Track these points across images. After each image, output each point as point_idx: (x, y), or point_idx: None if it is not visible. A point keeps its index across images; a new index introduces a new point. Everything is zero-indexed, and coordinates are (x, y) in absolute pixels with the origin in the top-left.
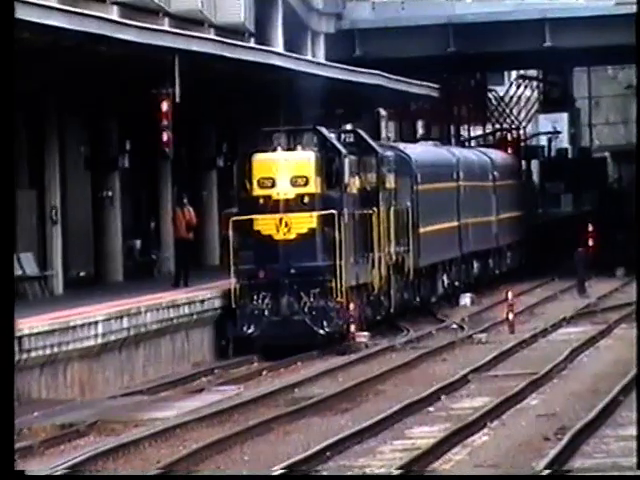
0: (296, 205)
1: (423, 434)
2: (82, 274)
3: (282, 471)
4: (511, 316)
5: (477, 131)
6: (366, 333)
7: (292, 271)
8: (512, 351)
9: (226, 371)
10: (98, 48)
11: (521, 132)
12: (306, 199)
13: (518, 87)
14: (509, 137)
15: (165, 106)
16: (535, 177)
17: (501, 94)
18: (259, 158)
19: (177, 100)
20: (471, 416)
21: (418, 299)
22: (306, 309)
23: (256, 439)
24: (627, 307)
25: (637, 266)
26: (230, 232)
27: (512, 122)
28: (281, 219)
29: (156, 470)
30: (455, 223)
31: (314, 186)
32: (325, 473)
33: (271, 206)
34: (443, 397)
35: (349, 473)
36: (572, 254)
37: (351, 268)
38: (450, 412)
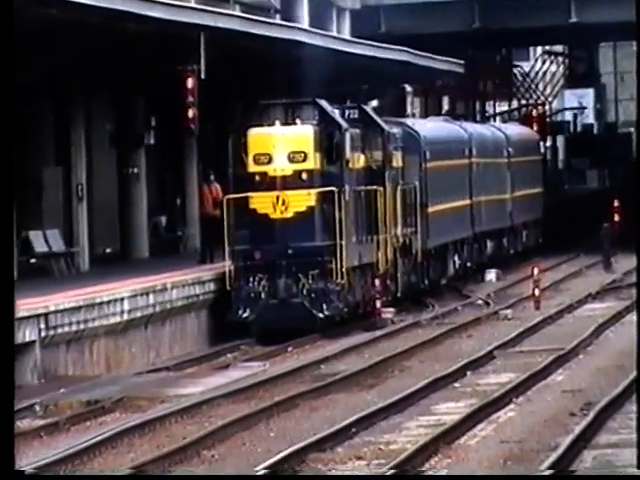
0: (294, 182)
1: (449, 410)
2: (108, 251)
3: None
4: (537, 292)
5: (502, 107)
6: (392, 309)
7: (290, 251)
8: (538, 327)
9: (252, 347)
10: (124, 25)
11: (546, 108)
12: (304, 175)
13: (544, 63)
14: (534, 113)
15: (190, 83)
16: (561, 153)
17: (526, 70)
18: (255, 133)
19: (202, 77)
20: (497, 392)
21: (427, 282)
22: (305, 291)
23: (282, 415)
24: None
25: (637, 262)
26: (224, 211)
27: (537, 98)
28: (278, 197)
29: (182, 445)
30: (467, 201)
31: (313, 162)
32: (351, 449)
33: (267, 183)
34: (469, 373)
35: (374, 448)
36: (598, 230)
37: (353, 248)
38: (476, 388)
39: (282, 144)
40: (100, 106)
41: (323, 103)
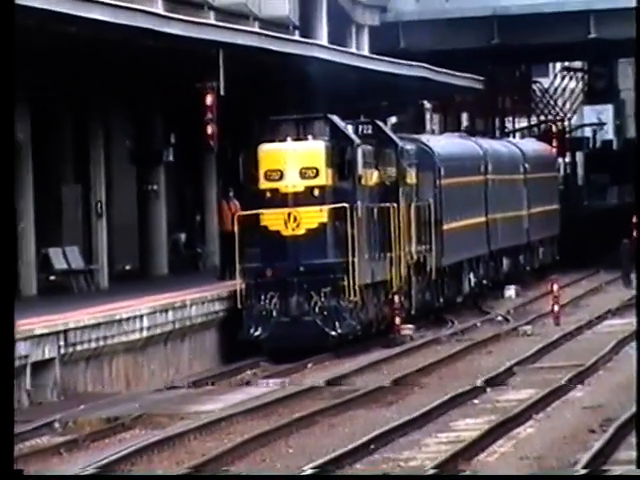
0: (305, 198)
1: (468, 426)
2: (127, 268)
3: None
4: (556, 308)
5: (522, 123)
6: (411, 326)
7: (301, 269)
8: (557, 343)
9: (271, 364)
10: (143, 42)
11: (566, 124)
12: (316, 192)
13: (563, 79)
14: (554, 129)
15: (210, 99)
16: (580, 169)
17: (546, 86)
18: (266, 149)
19: (222, 93)
20: (516, 408)
21: (442, 300)
22: (317, 309)
23: (301, 432)
24: None
25: (637, 271)
26: (235, 228)
27: (557, 114)
28: (289, 213)
29: (202, 461)
30: (482, 218)
31: (325, 178)
32: (370, 466)
33: (279, 200)
34: (488, 390)
35: (393, 465)
36: (617, 246)
37: (366, 265)
38: (495, 404)
39: (293, 160)
40: (119, 123)
41: (335, 118)
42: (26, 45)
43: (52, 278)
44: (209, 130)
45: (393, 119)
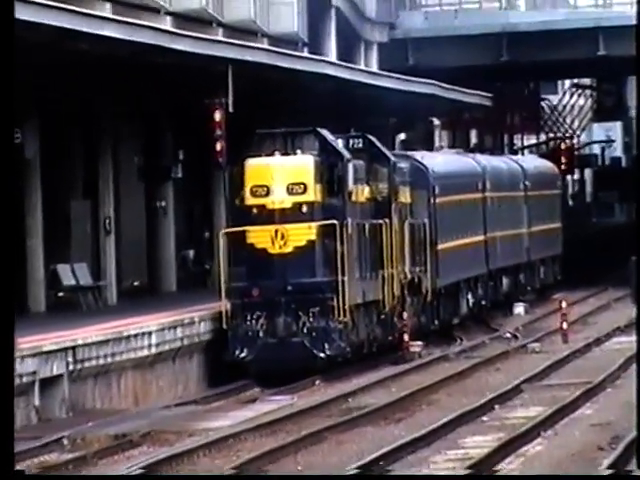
0: (293, 215)
1: (476, 444)
2: (136, 284)
3: None
4: (565, 325)
5: (530, 140)
6: (419, 342)
7: (289, 288)
8: (566, 360)
9: (258, 387)
10: (152, 58)
11: (574, 141)
12: (304, 208)
13: (571, 96)
14: (562, 146)
15: (218, 116)
16: (588, 186)
17: (554, 103)
18: (252, 163)
19: (230, 110)
20: (524, 426)
21: (437, 322)
22: (305, 330)
23: (309, 449)
24: None
25: (637, 275)
26: (221, 246)
27: (565, 131)
28: (276, 231)
29: None
30: (481, 237)
31: (313, 194)
32: None
33: (266, 216)
34: (497, 407)
35: None
36: (626, 263)
37: (356, 284)
38: (504, 422)
39: (281, 175)
40: (128, 139)
41: (324, 132)
42: (36, 61)
43: (60, 294)
44: (218, 146)
45: (402, 136)
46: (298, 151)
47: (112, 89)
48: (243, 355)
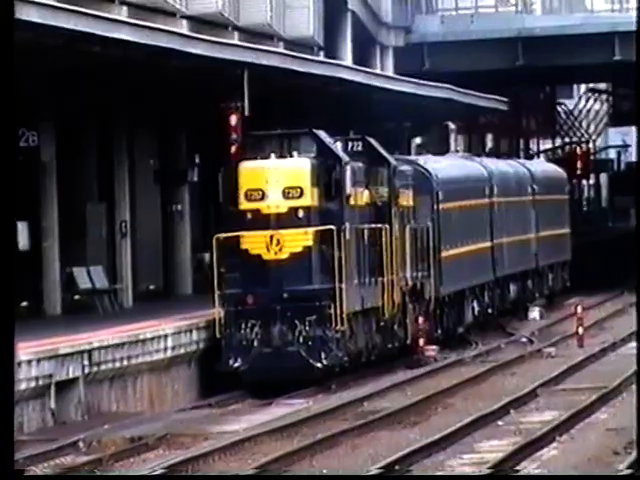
0: (289, 220)
1: (492, 448)
2: (151, 287)
3: None
4: (580, 330)
5: (546, 144)
6: (435, 347)
7: (285, 296)
8: (581, 365)
9: (252, 398)
10: (168, 62)
11: (590, 145)
12: (301, 213)
13: (587, 100)
14: (578, 151)
15: (234, 119)
16: (604, 191)
17: (570, 107)
18: (247, 166)
19: (246, 113)
20: (540, 430)
21: (440, 330)
22: (301, 339)
23: (324, 452)
24: None
25: (637, 273)
26: (214, 251)
27: (581, 135)
28: (272, 236)
29: None
30: (487, 244)
31: (310, 198)
32: None
33: (260, 221)
34: (512, 411)
35: None
36: None
37: (354, 291)
38: (519, 426)
39: (276, 179)
40: (144, 142)
41: (322, 134)
42: (53, 65)
43: (76, 297)
44: (233, 150)
45: (417, 140)
46: (294, 153)
47: (128, 92)
48: (237, 365)
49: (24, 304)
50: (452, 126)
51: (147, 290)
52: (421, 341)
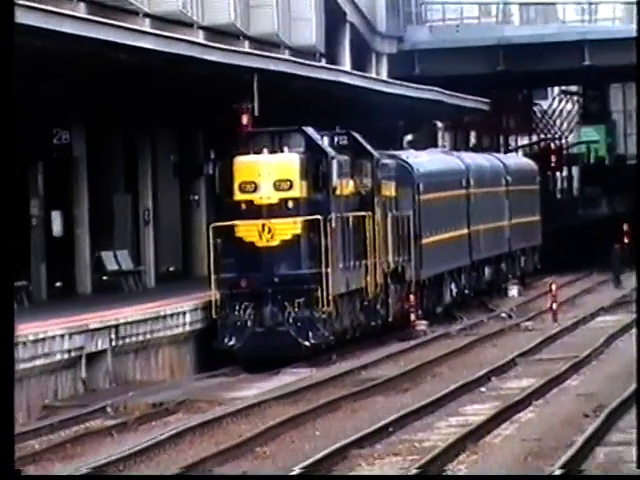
0: (280, 210)
1: (475, 411)
2: (171, 269)
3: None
4: (554, 306)
5: (524, 141)
6: (425, 321)
7: (275, 280)
8: (555, 337)
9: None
10: (186, 68)
11: (563, 142)
12: (290, 204)
13: (560, 101)
14: (552, 146)
15: (245, 119)
16: (575, 182)
17: (545, 108)
18: (241, 161)
19: (256, 114)
20: (518, 395)
21: (420, 311)
22: (291, 320)
23: (326, 416)
24: None
25: (637, 271)
26: (210, 239)
27: (555, 133)
28: (264, 225)
29: (238, 442)
30: (465, 231)
31: (299, 190)
32: (388, 446)
33: (253, 211)
34: (493, 378)
35: (409, 445)
36: (609, 250)
37: (340, 275)
38: (500, 392)
39: (268, 172)
40: (165, 140)
41: (309, 131)
42: (83, 70)
43: (105, 278)
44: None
45: (409, 137)
46: (285, 149)
47: (150, 95)
48: (232, 343)
49: (58, 284)
50: (440, 124)
51: (167, 271)
52: (412, 316)
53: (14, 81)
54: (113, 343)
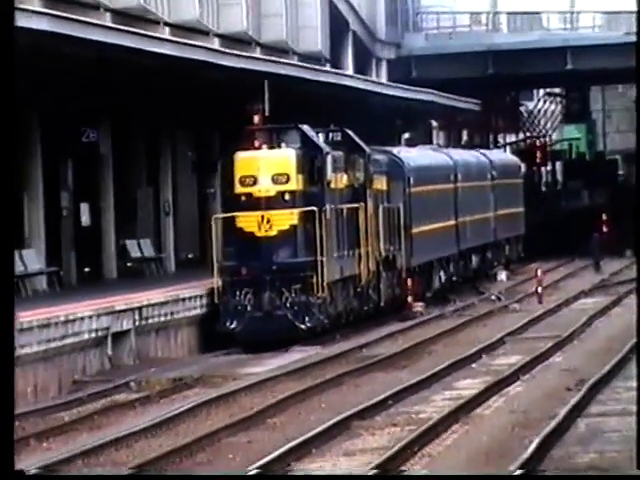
0: (277, 202)
1: (467, 386)
2: (190, 256)
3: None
4: (540, 289)
5: (511, 138)
6: (421, 303)
7: (274, 267)
8: (540, 318)
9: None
10: (203, 72)
11: (547, 139)
12: (287, 196)
13: (545, 102)
14: (537, 143)
15: (257, 119)
16: (559, 176)
17: (531, 108)
18: (241, 156)
19: (267, 114)
20: (507, 371)
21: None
22: (288, 304)
23: (331, 390)
24: (634, 282)
25: (637, 264)
26: (213, 229)
27: (540, 131)
28: (262, 216)
29: (250, 414)
30: (452, 222)
31: (295, 183)
32: (388, 418)
33: (253, 203)
34: (484, 355)
35: (406, 417)
36: (589, 239)
37: (334, 263)
38: (490, 368)
39: (266, 167)
40: (184, 138)
41: (305, 128)
42: (109, 75)
43: (129, 264)
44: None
45: (406, 135)
46: (282, 145)
47: (170, 97)
48: (233, 326)
49: (87, 270)
50: (434, 124)
51: (186, 258)
52: (410, 299)
53: (14, 82)
54: (136, 323)
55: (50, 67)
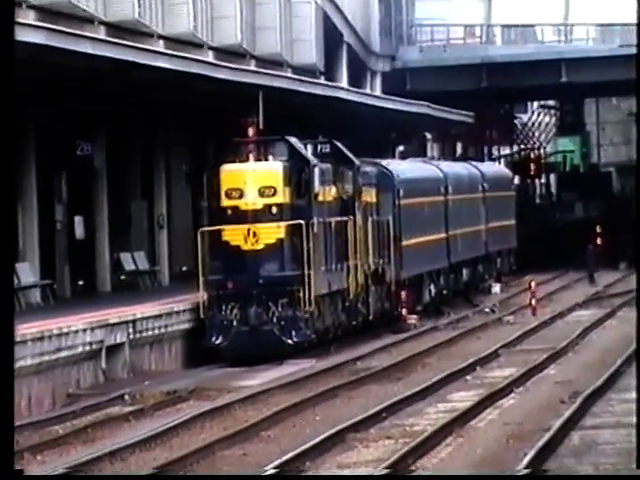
0: (264, 215)
1: (461, 398)
2: (184, 269)
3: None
4: (534, 301)
5: (505, 150)
6: (415, 316)
7: (260, 281)
8: (534, 330)
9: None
10: (197, 85)
11: (541, 151)
12: (274, 209)
13: (539, 115)
14: (532, 155)
15: (251, 132)
16: (553, 188)
17: (525, 120)
18: (227, 169)
19: (261, 127)
20: (501, 383)
21: (399, 309)
22: (274, 319)
23: (325, 403)
24: (628, 294)
25: (637, 267)
26: (199, 243)
27: (534, 143)
28: (249, 229)
29: (244, 427)
30: (443, 235)
31: (282, 196)
32: (382, 430)
33: (239, 216)
34: (478, 368)
35: (400, 429)
36: (583, 251)
37: (322, 277)
38: (484, 380)
39: (253, 179)
40: (178, 152)
41: (293, 140)
42: (103, 87)
43: (123, 277)
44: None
45: (400, 147)
46: (269, 157)
47: (164, 110)
48: (219, 341)
49: (80, 283)
50: (429, 136)
51: (180, 271)
52: (404, 311)
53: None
54: (130, 336)
55: (45, 80)
